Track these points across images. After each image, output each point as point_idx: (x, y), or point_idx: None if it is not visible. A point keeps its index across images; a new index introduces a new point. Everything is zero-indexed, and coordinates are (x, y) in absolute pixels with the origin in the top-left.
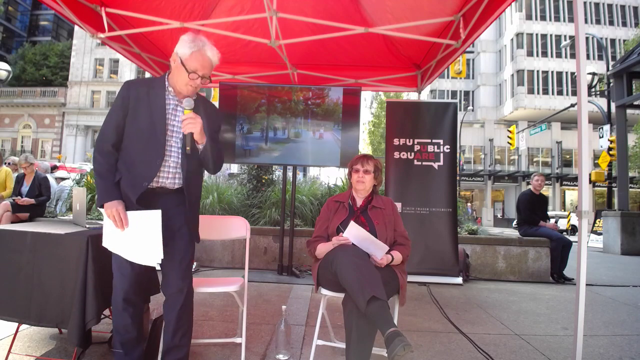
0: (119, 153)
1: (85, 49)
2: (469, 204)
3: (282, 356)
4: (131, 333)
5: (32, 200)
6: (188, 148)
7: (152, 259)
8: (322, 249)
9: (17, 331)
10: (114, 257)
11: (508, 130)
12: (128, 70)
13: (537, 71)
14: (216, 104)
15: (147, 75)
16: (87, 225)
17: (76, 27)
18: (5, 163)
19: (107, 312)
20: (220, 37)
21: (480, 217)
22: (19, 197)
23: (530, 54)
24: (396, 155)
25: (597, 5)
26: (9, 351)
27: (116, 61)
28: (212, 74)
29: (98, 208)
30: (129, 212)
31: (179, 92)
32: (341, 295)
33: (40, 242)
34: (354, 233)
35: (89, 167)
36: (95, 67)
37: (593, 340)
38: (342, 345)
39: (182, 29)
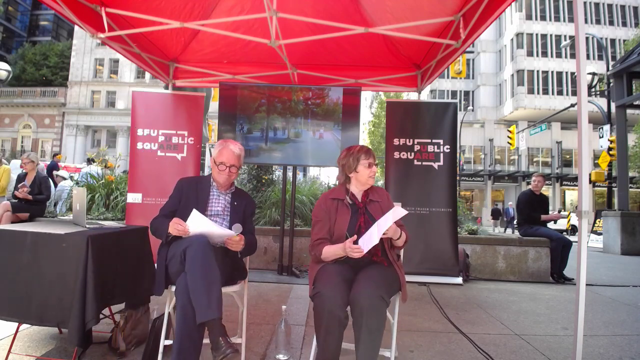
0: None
1: (85, 49)
2: (510, 203)
3: (282, 356)
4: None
5: (29, 197)
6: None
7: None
8: (330, 252)
9: (17, 331)
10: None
11: (508, 130)
12: (128, 71)
13: (537, 71)
14: (216, 104)
15: (147, 75)
16: (87, 225)
17: (76, 27)
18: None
19: (106, 311)
20: (220, 37)
21: (480, 217)
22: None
23: (530, 54)
24: (396, 155)
25: (597, 5)
26: (9, 351)
27: (116, 61)
28: (212, 74)
29: (169, 239)
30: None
31: (219, 185)
32: None
33: (41, 242)
34: (364, 243)
35: (91, 168)
36: (95, 67)
37: (593, 340)
38: (343, 345)
39: (182, 28)
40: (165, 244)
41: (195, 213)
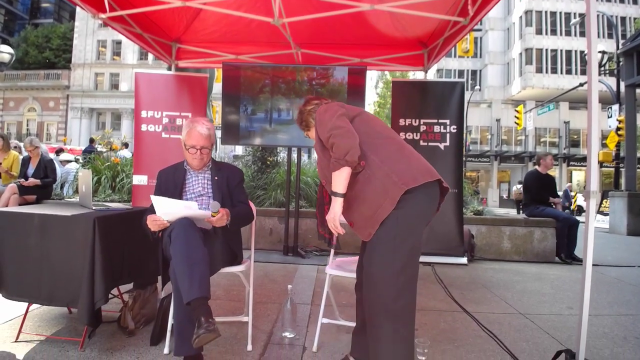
0: None
1: (88, 31)
2: (569, 184)
3: (288, 334)
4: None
5: (38, 181)
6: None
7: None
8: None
9: (27, 311)
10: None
11: (515, 110)
12: (131, 52)
13: (546, 50)
14: (219, 85)
15: (150, 56)
16: (94, 207)
17: (78, 9)
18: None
19: (115, 291)
20: (222, 15)
21: (485, 197)
22: (24, 179)
23: (539, 32)
24: (402, 135)
25: None
26: (20, 331)
27: (119, 43)
28: (215, 54)
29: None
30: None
31: (193, 166)
32: (345, 275)
33: (48, 224)
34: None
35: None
36: (97, 49)
37: (597, 319)
38: (347, 324)
39: (184, 7)
40: (159, 238)
41: (154, 199)
